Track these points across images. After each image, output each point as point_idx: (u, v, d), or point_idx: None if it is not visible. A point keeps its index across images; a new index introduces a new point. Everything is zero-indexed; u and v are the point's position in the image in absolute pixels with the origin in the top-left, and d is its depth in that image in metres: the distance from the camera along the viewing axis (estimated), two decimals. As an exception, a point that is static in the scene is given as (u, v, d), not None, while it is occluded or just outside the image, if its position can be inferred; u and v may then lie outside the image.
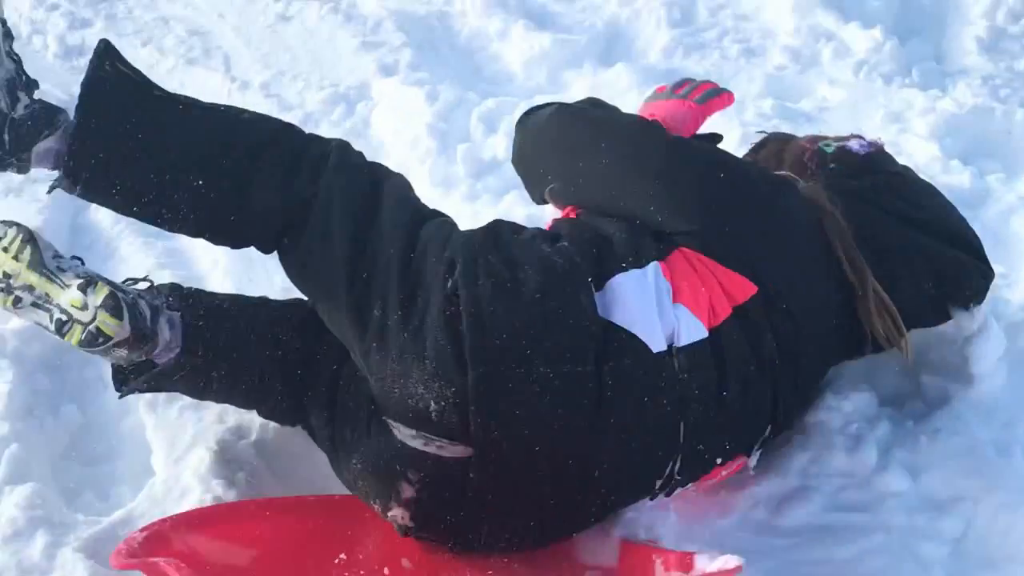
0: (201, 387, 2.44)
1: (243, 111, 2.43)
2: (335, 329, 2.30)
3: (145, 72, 2.35)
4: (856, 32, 3.98)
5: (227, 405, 2.56)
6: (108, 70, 2.33)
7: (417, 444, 2.17)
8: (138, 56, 4.14)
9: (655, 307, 2.20)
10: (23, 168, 2.36)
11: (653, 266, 2.24)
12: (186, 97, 2.38)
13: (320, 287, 2.31)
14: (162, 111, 2.33)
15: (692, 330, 2.20)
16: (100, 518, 2.49)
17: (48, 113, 2.35)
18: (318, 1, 4.42)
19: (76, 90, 3.72)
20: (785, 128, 3.52)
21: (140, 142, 2.29)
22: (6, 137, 2.32)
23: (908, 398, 2.61)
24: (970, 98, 3.69)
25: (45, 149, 2.34)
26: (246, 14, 4.39)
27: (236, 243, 2.42)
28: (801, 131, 3.56)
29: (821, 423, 2.48)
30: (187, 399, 2.57)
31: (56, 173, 2.34)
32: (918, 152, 3.45)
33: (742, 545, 2.31)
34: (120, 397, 2.44)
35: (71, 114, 2.32)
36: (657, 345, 2.17)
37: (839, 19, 4.06)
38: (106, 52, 2.35)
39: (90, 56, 2.34)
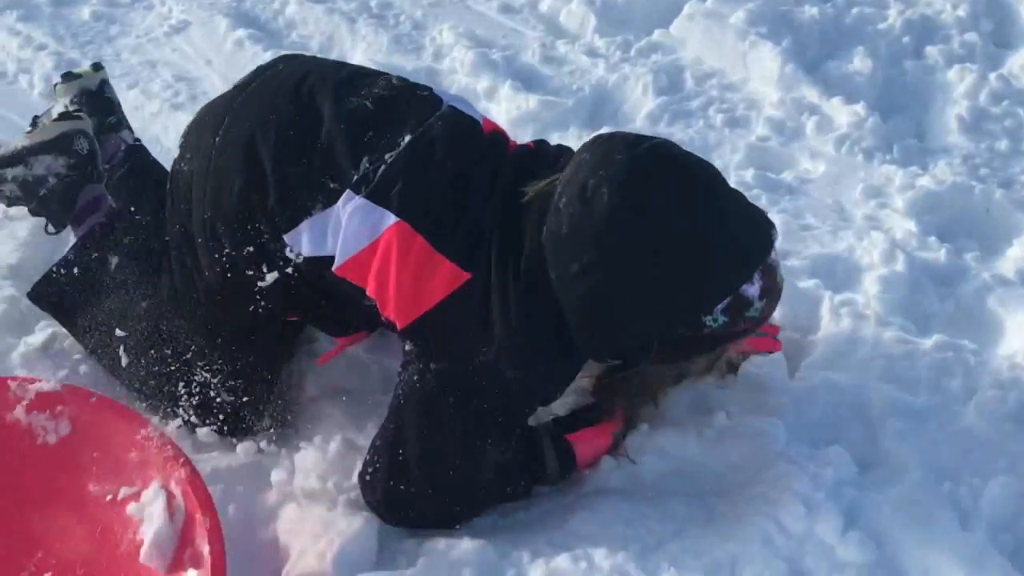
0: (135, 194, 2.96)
1: None
2: None
3: (132, 113, 2.46)
4: (839, 107, 4.00)
5: None
6: None
7: None
8: (125, 98, 4.12)
9: None
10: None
11: None
12: None
13: None
14: None
15: None
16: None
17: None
18: (307, 52, 4.43)
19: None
20: (765, 199, 3.56)
21: None
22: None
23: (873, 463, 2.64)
24: (950, 176, 3.71)
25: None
26: (233, 62, 4.38)
27: None
28: (782, 202, 3.61)
29: (788, 485, 2.50)
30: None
31: None
32: (896, 227, 3.48)
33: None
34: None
35: None
36: None
37: (823, 93, 4.09)
38: None
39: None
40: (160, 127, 4.03)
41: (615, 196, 2.25)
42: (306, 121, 2.54)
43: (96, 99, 3.15)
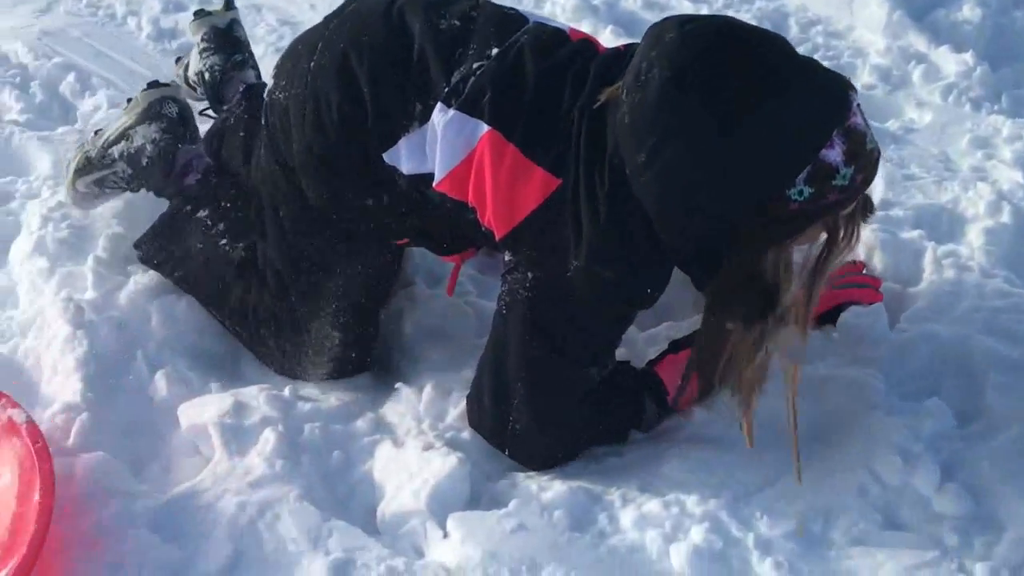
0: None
1: None
2: None
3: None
4: (947, 55, 3.94)
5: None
6: None
7: None
8: (229, 42, 4.19)
9: None
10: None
11: None
12: None
13: None
14: None
15: None
16: (165, 490, 2.53)
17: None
18: None
19: (166, 71, 3.83)
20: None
21: None
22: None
23: (972, 416, 2.61)
24: (1059, 127, 3.65)
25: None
26: (336, 4, 4.41)
27: None
28: (887, 151, 3.56)
29: (885, 437, 2.48)
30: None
31: None
32: (1003, 179, 3.42)
33: (791, 555, 2.32)
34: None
35: None
36: None
37: (931, 42, 4.02)
38: None
39: (181, 40, 2.69)
40: (264, 70, 4.05)
41: (666, 71, 2.16)
42: (397, 40, 2.56)
43: (224, 37, 3.34)
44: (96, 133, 3.15)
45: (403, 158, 2.52)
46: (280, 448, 2.56)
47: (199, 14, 3.37)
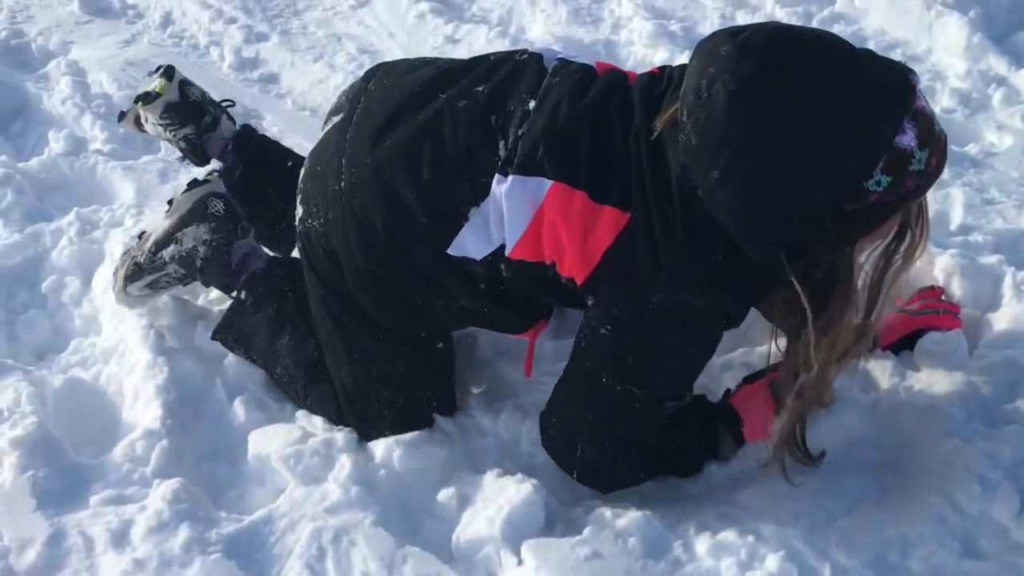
0: (259, 193, 3.07)
1: None
2: None
3: (316, 86, 2.51)
4: (1028, 78, 3.91)
5: None
6: None
7: None
8: (309, 71, 4.26)
9: None
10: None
11: None
12: None
13: None
14: None
15: None
16: (242, 517, 2.56)
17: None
18: (486, 25, 4.48)
19: (248, 101, 3.88)
20: (948, 172, 3.48)
21: None
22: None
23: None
24: None
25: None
26: (415, 34, 4.46)
27: None
28: (966, 175, 3.53)
29: (964, 464, 2.45)
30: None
31: None
32: (1084, 203, 3.38)
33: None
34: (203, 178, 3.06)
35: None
36: None
37: (1012, 64, 3.99)
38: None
39: (262, 70, 2.67)
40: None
41: (729, 84, 2.16)
42: (424, 133, 2.50)
43: (183, 108, 3.15)
44: (141, 237, 3.09)
45: (470, 245, 2.46)
46: (355, 474, 2.59)
47: (146, 99, 3.14)
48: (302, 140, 3.60)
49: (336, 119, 2.66)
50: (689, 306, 2.34)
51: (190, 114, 3.13)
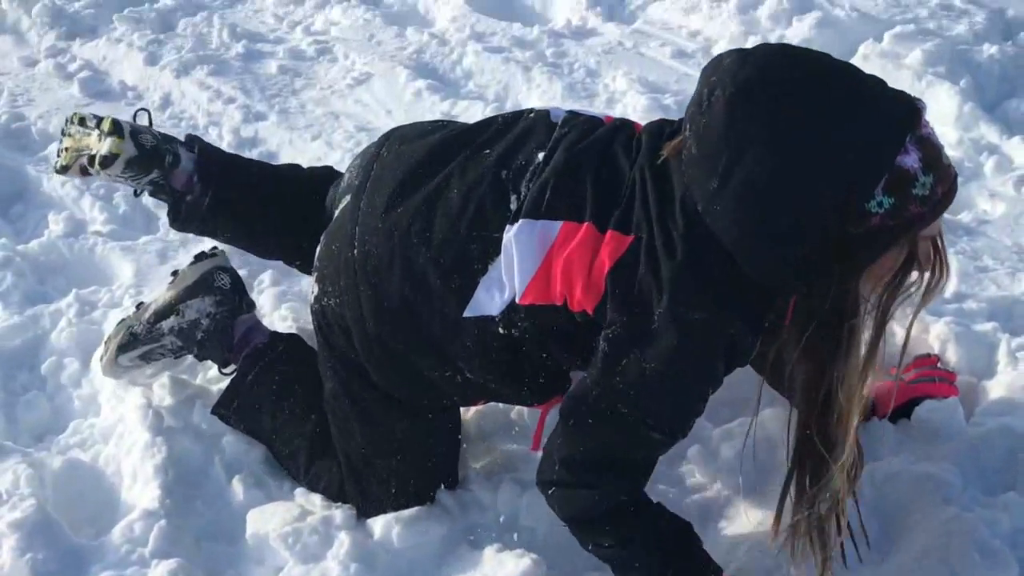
0: (231, 226, 3.05)
1: None
2: None
3: (315, 163, 2.53)
4: (1019, 146, 3.92)
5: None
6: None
7: None
8: (308, 148, 4.29)
9: None
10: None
11: None
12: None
13: None
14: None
15: None
16: (239, 597, 2.56)
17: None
18: (482, 102, 4.52)
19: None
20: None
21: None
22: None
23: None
24: None
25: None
26: (413, 111, 4.50)
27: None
28: (960, 243, 3.55)
29: (963, 533, 2.45)
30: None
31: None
32: (1078, 269, 3.40)
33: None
34: (176, 230, 3.12)
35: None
36: None
37: (1003, 133, 4.02)
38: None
39: (261, 149, 2.71)
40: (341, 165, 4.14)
41: (729, 88, 2.15)
42: (439, 195, 2.50)
43: (142, 160, 3.03)
44: (139, 308, 3.11)
45: (486, 302, 2.45)
46: (354, 552, 2.59)
47: (105, 162, 3.02)
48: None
49: (348, 197, 2.67)
50: (689, 321, 2.26)
51: (151, 162, 3.04)
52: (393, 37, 5.07)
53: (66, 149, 3.12)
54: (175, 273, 3.11)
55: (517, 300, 2.41)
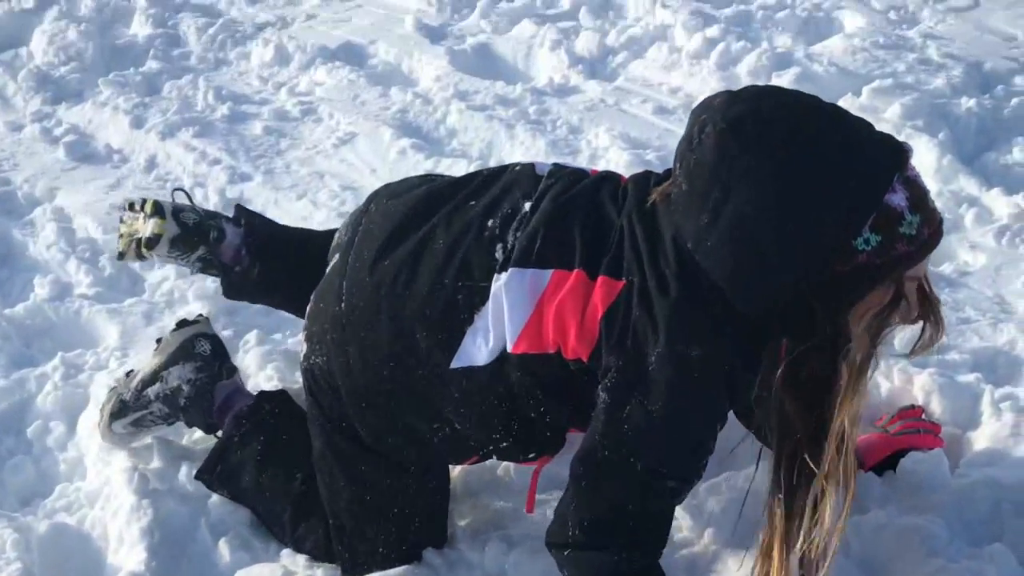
0: (280, 291, 3.09)
1: None
2: None
3: (300, 223, 2.53)
4: (998, 198, 3.96)
5: None
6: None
7: None
8: (293, 208, 4.31)
9: None
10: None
11: None
12: None
13: None
14: None
15: None
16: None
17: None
18: (466, 160, 4.55)
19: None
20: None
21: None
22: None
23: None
24: (1116, 267, 3.64)
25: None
26: (397, 170, 4.50)
27: None
28: (942, 295, 3.54)
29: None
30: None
31: None
32: (1060, 321, 3.42)
33: None
34: (229, 298, 3.16)
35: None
36: None
37: (982, 185, 4.05)
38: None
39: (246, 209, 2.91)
40: (328, 224, 4.16)
41: (719, 124, 2.17)
42: (424, 247, 2.52)
43: (186, 238, 3.09)
44: (128, 375, 3.13)
45: (474, 352, 2.44)
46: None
47: (150, 243, 3.08)
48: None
49: (337, 255, 2.69)
50: (687, 357, 2.26)
51: (196, 239, 3.09)
52: (377, 97, 5.11)
53: (121, 236, 3.18)
54: (159, 340, 3.14)
55: (509, 349, 2.41)
